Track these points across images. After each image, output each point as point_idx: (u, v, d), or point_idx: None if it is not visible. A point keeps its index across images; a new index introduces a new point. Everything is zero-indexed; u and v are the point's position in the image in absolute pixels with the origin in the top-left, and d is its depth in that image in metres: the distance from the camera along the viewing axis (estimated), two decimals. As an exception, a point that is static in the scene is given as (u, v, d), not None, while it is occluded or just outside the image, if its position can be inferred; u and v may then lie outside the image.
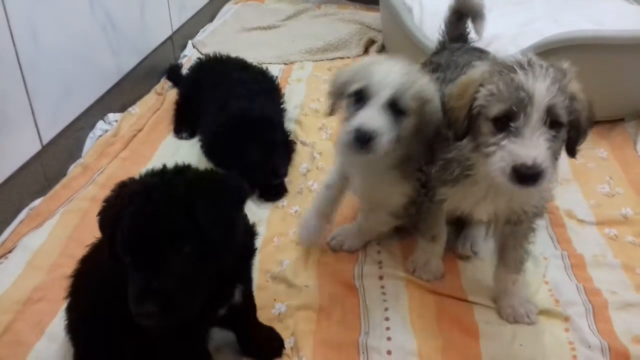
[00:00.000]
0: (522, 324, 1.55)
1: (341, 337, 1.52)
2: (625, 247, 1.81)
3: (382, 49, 3.15)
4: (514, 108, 1.18)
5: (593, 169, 2.17)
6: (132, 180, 1.14)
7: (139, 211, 1.03)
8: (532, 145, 1.17)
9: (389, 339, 1.52)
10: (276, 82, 2.51)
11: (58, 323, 1.51)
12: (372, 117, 1.37)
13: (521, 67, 1.21)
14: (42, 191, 2.06)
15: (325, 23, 3.57)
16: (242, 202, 1.16)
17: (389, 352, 1.48)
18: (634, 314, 1.57)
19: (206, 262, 1.07)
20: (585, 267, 1.73)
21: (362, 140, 1.35)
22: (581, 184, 2.09)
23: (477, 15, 1.92)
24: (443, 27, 2.01)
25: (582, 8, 2.72)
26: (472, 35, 1.99)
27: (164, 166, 1.16)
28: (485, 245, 1.80)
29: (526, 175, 1.16)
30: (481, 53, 1.82)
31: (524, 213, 1.45)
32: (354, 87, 1.42)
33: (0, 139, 1.85)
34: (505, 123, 1.20)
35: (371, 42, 3.21)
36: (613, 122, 2.42)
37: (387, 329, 1.55)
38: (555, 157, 1.24)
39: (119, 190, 1.13)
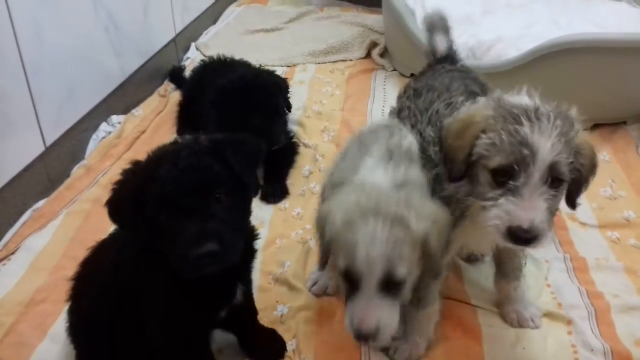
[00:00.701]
0: (526, 328, 1.55)
1: (343, 339, 1.51)
2: (628, 250, 1.81)
3: (385, 52, 3.16)
4: (515, 166, 1.11)
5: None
6: (147, 155, 1.15)
7: (173, 167, 1.05)
8: (530, 207, 1.11)
9: (391, 341, 1.52)
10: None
11: (61, 324, 1.51)
12: (368, 312, 1.14)
13: (527, 117, 1.13)
14: (45, 192, 2.07)
15: (327, 25, 3.57)
16: (262, 152, 1.19)
17: (391, 355, 1.48)
18: (637, 317, 1.57)
19: (238, 208, 1.12)
20: (588, 270, 1.73)
21: (366, 340, 1.16)
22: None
23: (438, 28, 1.79)
24: (428, 48, 1.84)
25: (583, 11, 2.72)
26: (460, 53, 1.84)
27: (175, 139, 1.19)
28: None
29: (522, 238, 1.11)
30: (460, 73, 1.67)
31: None
32: (340, 264, 1.16)
33: (3, 141, 1.85)
34: (504, 177, 1.14)
35: (373, 45, 3.21)
36: (615, 125, 2.42)
37: (390, 331, 1.54)
38: (553, 213, 1.17)
39: (133, 166, 1.15)
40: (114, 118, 2.50)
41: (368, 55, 3.18)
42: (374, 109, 2.66)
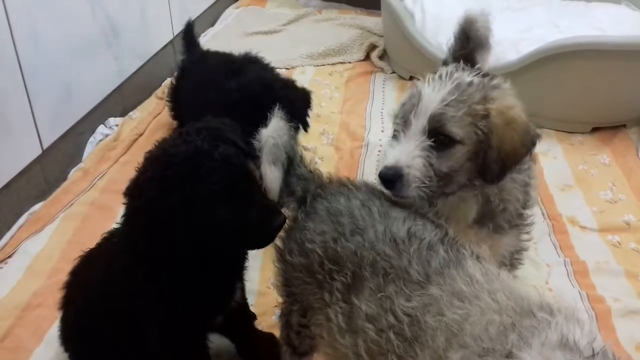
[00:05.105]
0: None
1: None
2: (628, 253, 1.81)
3: (384, 54, 3.15)
4: (404, 116, 1.16)
5: (596, 176, 2.16)
6: (165, 161, 1.10)
7: (214, 162, 1.06)
8: (400, 149, 1.12)
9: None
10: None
11: (57, 328, 1.50)
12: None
13: (432, 78, 1.17)
14: (42, 196, 2.06)
15: (326, 28, 3.57)
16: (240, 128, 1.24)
17: None
18: (638, 322, 1.56)
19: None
20: (589, 274, 1.73)
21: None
22: (584, 191, 2.09)
23: (480, 44, 1.65)
24: (451, 43, 1.74)
25: (583, 14, 2.72)
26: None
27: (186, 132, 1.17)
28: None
29: (385, 177, 1.12)
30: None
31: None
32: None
33: (0, 143, 1.84)
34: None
35: (372, 47, 3.20)
36: (615, 128, 2.42)
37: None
38: (439, 174, 1.14)
39: (157, 160, 1.12)
40: (112, 121, 2.49)
41: (367, 57, 3.17)
42: (373, 111, 2.65)
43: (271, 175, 1.16)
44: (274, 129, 1.18)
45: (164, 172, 1.06)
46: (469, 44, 1.64)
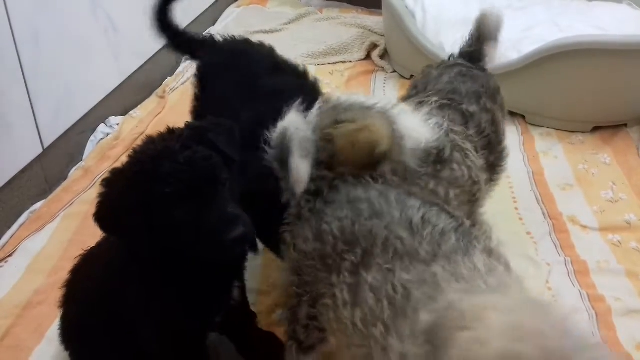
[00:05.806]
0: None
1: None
2: (629, 253, 1.80)
3: (385, 53, 3.15)
4: None
5: (596, 175, 2.16)
6: (131, 161, 1.11)
7: (174, 163, 1.04)
8: None
9: (391, 345, 1.50)
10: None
11: (58, 327, 1.50)
12: None
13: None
14: (42, 194, 2.06)
15: (327, 27, 3.56)
16: (236, 129, 1.20)
17: (391, 359, 1.47)
18: (638, 321, 1.56)
19: (233, 187, 1.13)
20: (589, 274, 1.72)
21: None
22: (584, 190, 2.08)
23: (487, 37, 1.71)
24: (465, 38, 1.79)
25: (584, 13, 2.71)
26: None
27: (169, 130, 1.18)
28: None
29: None
30: (468, 70, 1.65)
31: None
32: None
33: (1, 142, 1.84)
34: None
35: (374, 47, 3.20)
36: (616, 127, 2.41)
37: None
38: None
39: (117, 175, 1.10)
40: (112, 120, 2.49)
41: (368, 56, 3.17)
42: (374, 110, 2.64)
43: (303, 170, 1.12)
44: (295, 122, 1.17)
45: (131, 169, 1.07)
46: (478, 43, 1.71)
